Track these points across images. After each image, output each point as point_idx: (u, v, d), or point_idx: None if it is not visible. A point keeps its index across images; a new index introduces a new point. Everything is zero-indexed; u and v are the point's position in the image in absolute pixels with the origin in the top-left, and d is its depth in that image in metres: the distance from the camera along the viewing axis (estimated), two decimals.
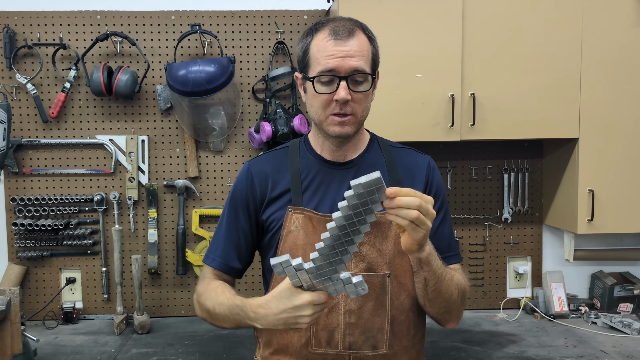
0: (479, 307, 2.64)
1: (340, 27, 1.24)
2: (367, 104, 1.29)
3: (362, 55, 1.24)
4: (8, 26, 2.42)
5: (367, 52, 1.26)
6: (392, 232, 1.30)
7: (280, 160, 1.38)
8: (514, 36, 2.22)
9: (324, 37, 1.25)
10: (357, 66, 1.22)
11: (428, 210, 1.07)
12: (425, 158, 1.42)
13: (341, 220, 0.99)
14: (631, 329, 2.24)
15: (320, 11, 2.52)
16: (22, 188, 2.50)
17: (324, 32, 1.25)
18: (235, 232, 1.37)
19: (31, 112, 2.49)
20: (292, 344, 1.31)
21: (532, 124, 2.24)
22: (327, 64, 1.23)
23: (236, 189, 1.39)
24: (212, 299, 1.31)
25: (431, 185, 1.38)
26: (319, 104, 1.27)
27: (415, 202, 1.04)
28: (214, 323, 1.34)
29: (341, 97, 1.22)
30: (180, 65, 2.32)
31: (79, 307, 2.54)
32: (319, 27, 1.28)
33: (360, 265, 1.28)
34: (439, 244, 1.38)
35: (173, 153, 2.54)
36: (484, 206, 2.61)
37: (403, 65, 2.17)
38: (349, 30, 1.24)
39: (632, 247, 2.64)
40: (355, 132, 1.31)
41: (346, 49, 1.22)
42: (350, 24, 1.26)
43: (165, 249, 2.56)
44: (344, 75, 1.22)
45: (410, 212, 1.05)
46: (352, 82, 1.23)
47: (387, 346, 1.30)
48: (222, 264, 1.37)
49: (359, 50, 1.24)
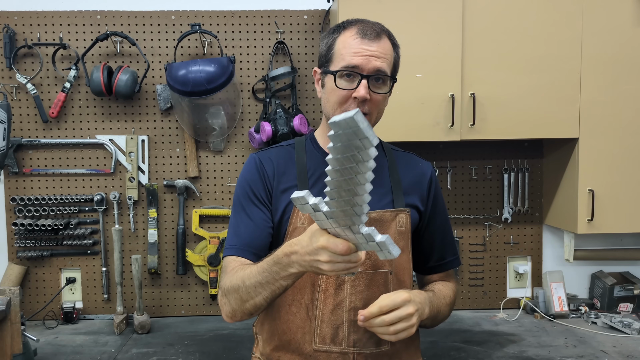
0: (479, 307, 2.64)
1: (368, 28, 1.27)
2: (383, 106, 1.32)
3: (386, 58, 1.27)
4: (8, 26, 2.42)
5: (391, 56, 1.29)
6: (392, 230, 1.32)
7: (287, 156, 1.38)
8: (514, 36, 2.22)
9: (351, 35, 1.27)
10: (380, 67, 1.25)
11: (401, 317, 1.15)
12: (427, 165, 1.47)
13: (334, 162, 0.90)
14: (631, 329, 2.24)
15: (320, 11, 2.52)
16: (22, 188, 2.50)
17: (352, 30, 1.28)
18: (252, 218, 1.32)
19: (31, 112, 2.49)
20: (295, 341, 1.31)
21: (532, 124, 2.24)
22: (352, 60, 1.25)
23: (247, 177, 1.36)
24: (239, 276, 1.22)
25: (433, 195, 1.44)
26: (337, 98, 1.28)
27: (385, 320, 1.14)
28: (245, 305, 1.21)
29: (361, 95, 1.24)
30: (180, 65, 2.32)
31: (79, 307, 2.54)
32: (347, 25, 1.30)
33: (365, 262, 1.29)
34: (440, 250, 1.46)
35: (173, 153, 2.54)
36: (484, 206, 2.61)
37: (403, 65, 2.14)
38: (377, 32, 1.27)
39: (632, 247, 2.64)
40: None
41: (372, 49, 1.25)
42: (379, 27, 1.29)
43: (165, 249, 2.56)
44: (367, 74, 1.25)
45: (387, 329, 1.14)
46: (372, 82, 1.26)
47: (390, 343, 1.31)
48: (243, 250, 1.30)
49: (383, 52, 1.27)
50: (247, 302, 1.21)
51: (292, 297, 1.31)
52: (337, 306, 1.28)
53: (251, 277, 1.19)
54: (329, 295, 1.28)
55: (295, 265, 1.09)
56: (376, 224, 1.30)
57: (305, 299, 1.30)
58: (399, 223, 1.34)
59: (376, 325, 1.14)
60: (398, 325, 1.14)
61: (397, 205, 1.35)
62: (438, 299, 1.34)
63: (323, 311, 1.28)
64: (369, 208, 0.94)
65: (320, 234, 1.02)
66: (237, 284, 1.21)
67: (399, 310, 1.14)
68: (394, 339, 1.16)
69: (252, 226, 1.32)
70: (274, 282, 1.15)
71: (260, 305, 1.21)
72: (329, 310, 1.28)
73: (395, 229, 1.33)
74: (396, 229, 1.33)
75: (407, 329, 1.15)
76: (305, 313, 1.30)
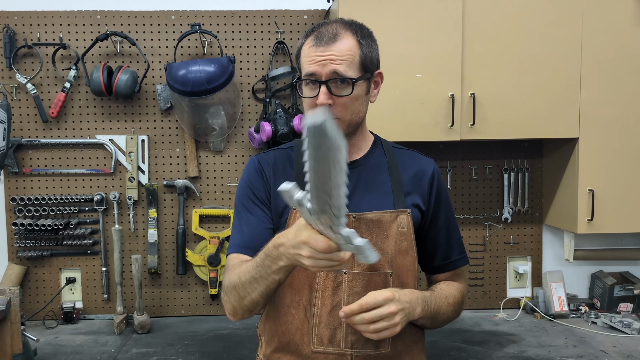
0: (479, 307, 2.64)
1: (324, 32, 1.27)
2: (357, 106, 1.29)
3: (344, 59, 1.25)
4: (8, 26, 2.42)
5: (353, 55, 1.26)
6: (392, 231, 1.31)
7: (286, 158, 1.39)
8: (514, 36, 2.22)
9: (308, 43, 1.28)
10: (336, 69, 1.24)
11: (381, 315, 1.15)
12: (429, 163, 1.43)
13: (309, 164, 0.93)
14: (631, 329, 2.24)
15: (320, 11, 2.52)
16: (22, 188, 2.50)
17: (311, 37, 1.28)
18: (254, 216, 1.34)
19: (31, 112, 2.49)
20: (294, 342, 1.31)
21: (532, 124, 2.24)
22: (309, 68, 1.26)
23: (247, 179, 1.38)
24: (236, 273, 1.23)
25: (436, 192, 1.41)
26: (307, 107, 1.31)
27: (365, 318, 1.13)
28: (243, 302, 1.23)
29: (320, 102, 1.25)
30: (180, 65, 2.32)
31: (79, 307, 2.54)
32: (309, 33, 1.30)
33: (363, 263, 1.28)
34: (445, 249, 1.44)
35: (173, 153, 2.54)
36: (484, 206, 2.61)
37: (403, 65, 2.17)
38: (333, 34, 1.26)
39: (632, 247, 2.64)
40: (349, 135, 1.32)
41: (326, 54, 1.24)
42: (338, 28, 1.28)
43: (165, 249, 2.56)
44: (325, 79, 1.25)
45: (367, 327, 1.14)
46: (335, 85, 1.25)
47: (390, 345, 1.31)
48: (245, 247, 1.30)
49: (340, 54, 1.25)
50: (245, 298, 1.22)
51: (291, 298, 1.31)
52: (334, 307, 1.28)
53: (246, 272, 1.20)
54: (326, 296, 1.28)
55: (283, 258, 1.11)
56: (375, 226, 1.30)
57: (303, 300, 1.29)
58: (400, 224, 1.32)
59: (356, 322, 1.14)
60: (378, 324, 1.14)
61: (397, 206, 1.34)
62: (437, 299, 1.33)
63: (321, 312, 1.28)
64: (347, 210, 0.96)
65: (304, 229, 1.03)
66: (235, 281, 1.23)
67: (380, 308, 1.14)
68: (376, 337, 1.16)
69: (254, 224, 1.33)
70: (267, 276, 1.16)
71: (257, 301, 1.22)
72: (326, 312, 1.28)
73: (397, 230, 1.32)
74: (397, 230, 1.32)
75: (388, 328, 1.15)
76: (303, 314, 1.30)
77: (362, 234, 1.26)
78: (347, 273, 1.28)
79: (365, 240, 0.98)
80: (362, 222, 1.30)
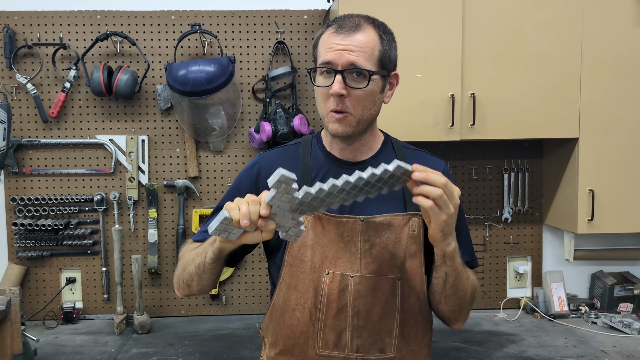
0: (479, 307, 2.64)
1: (347, 22, 1.23)
2: (369, 103, 1.25)
3: (362, 51, 1.21)
4: (8, 26, 2.42)
5: (372, 48, 1.22)
6: (404, 234, 1.28)
7: (292, 156, 1.36)
8: (514, 36, 2.22)
9: (328, 31, 1.24)
10: (354, 61, 1.20)
11: (452, 193, 1.09)
12: (440, 163, 1.41)
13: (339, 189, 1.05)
14: (631, 329, 2.24)
15: (320, 11, 2.52)
16: (22, 188, 2.50)
17: (332, 26, 1.25)
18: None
19: (31, 112, 2.49)
20: (299, 345, 1.29)
21: (532, 124, 2.24)
22: (326, 56, 1.22)
23: (241, 177, 1.39)
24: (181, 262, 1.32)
25: None
26: (320, 97, 1.26)
27: (441, 180, 1.06)
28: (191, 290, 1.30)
29: (333, 91, 1.20)
30: (180, 65, 2.32)
31: (79, 307, 2.54)
32: (331, 22, 1.27)
33: (370, 266, 1.26)
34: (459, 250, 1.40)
35: (173, 153, 2.54)
36: (484, 206, 2.61)
37: (403, 65, 2.13)
38: (355, 25, 1.22)
39: (632, 247, 2.64)
40: (359, 133, 1.28)
41: (345, 42, 1.21)
42: (361, 20, 1.25)
43: (165, 249, 2.56)
44: (341, 68, 1.20)
45: (434, 189, 1.06)
46: (351, 77, 1.21)
47: (395, 350, 1.28)
48: (202, 233, 1.35)
49: (359, 45, 1.21)
50: (193, 283, 1.28)
51: (296, 301, 1.29)
52: (340, 311, 1.26)
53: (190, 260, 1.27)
54: (332, 299, 1.26)
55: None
56: (385, 229, 1.27)
57: (308, 303, 1.28)
58: (411, 227, 1.29)
59: (431, 180, 1.06)
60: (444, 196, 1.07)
61: (409, 208, 1.30)
62: (465, 269, 1.27)
63: (326, 316, 1.26)
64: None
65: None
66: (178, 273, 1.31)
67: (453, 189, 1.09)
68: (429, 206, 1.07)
69: None
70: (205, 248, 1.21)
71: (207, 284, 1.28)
72: (332, 315, 1.26)
73: (408, 233, 1.28)
74: (409, 234, 1.28)
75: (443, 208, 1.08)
76: (308, 317, 1.28)
77: (370, 238, 1.26)
78: (354, 276, 1.25)
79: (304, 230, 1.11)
80: (370, 225, 1.26)
